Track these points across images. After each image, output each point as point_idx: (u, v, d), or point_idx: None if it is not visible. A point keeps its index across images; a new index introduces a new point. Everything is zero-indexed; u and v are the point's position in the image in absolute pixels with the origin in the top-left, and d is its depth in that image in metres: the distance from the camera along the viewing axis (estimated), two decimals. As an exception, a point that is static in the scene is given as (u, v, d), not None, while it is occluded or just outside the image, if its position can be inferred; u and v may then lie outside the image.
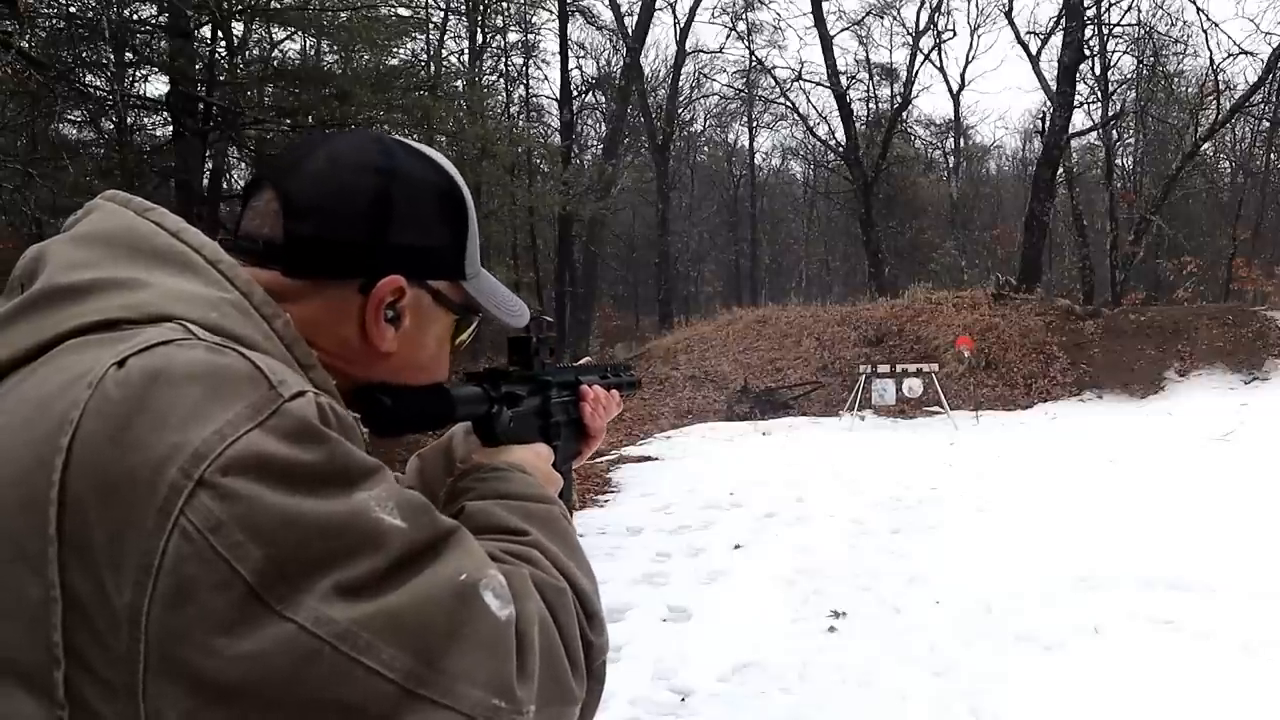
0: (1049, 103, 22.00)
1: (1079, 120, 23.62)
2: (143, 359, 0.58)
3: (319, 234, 0.72)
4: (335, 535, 0.56)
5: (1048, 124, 21.73)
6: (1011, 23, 24.39)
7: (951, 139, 34.54)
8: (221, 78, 11.06)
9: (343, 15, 11.29)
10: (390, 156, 0.76)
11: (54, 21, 9.78)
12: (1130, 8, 23.64)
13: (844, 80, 25.61)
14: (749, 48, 29.98)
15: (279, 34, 14.04)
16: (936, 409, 13.68)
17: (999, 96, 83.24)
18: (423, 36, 17.43)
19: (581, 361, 1.13)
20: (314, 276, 0.73)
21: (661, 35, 65.48)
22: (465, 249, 0.81)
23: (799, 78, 28.32)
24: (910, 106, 29.16)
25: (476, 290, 0.83)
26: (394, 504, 0.61)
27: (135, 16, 10.98)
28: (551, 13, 22.99)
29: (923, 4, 26.99)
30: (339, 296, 0.74)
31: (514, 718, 0.61)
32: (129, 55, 11.37)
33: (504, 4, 22.45)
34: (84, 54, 10.45)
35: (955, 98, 31.78)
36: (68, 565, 0.54)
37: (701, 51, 32.46)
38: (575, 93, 25.99)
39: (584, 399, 1.03)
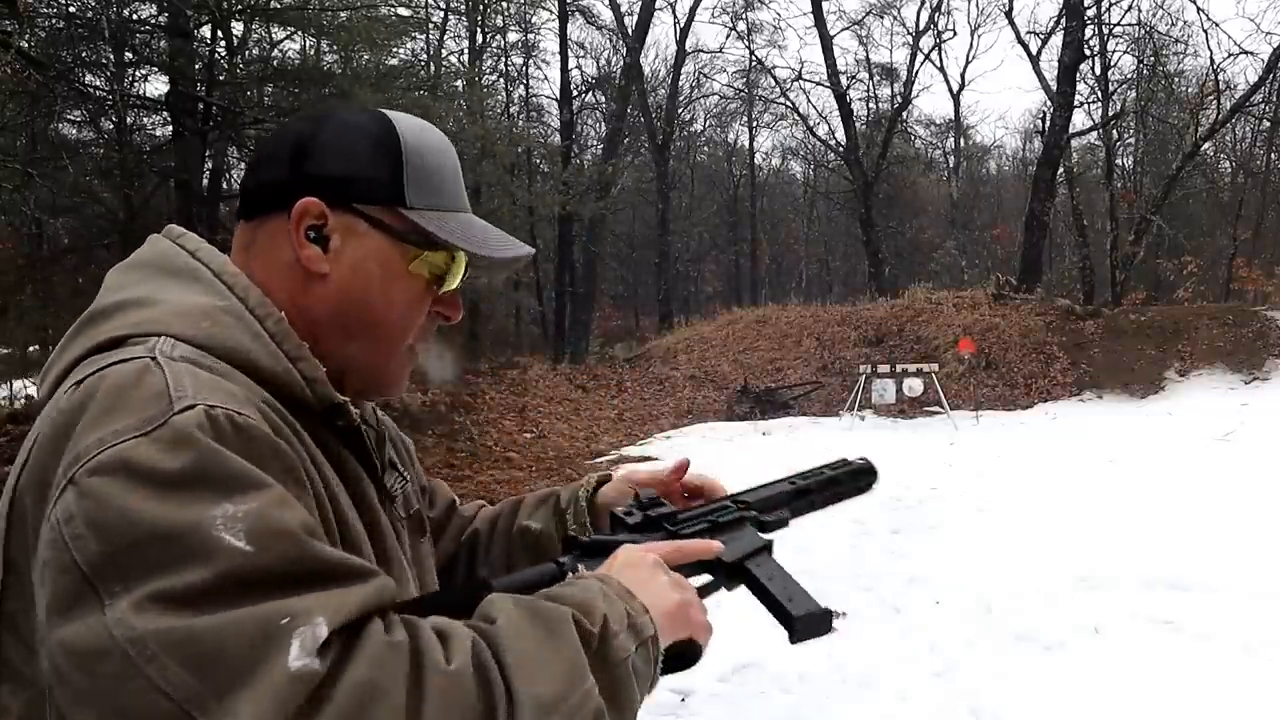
0: (1049, 103, 21.99)
1: (1079, 120, 23.62)
2: (94, 377, 0.67)
3: (258, 180, 0.84)
4: (164, 542, 0.58)
5: (1048, 124, 21.73)
6: (1012, 22, 24.39)
7: (951, 139, 34.62)
8: (221, 77, 11.04)
9: (343, 15, 11.27)
10: (329, 114, 0.85)
11: (54, 21, 9.76)
12: (1130, 7, 23.55)
13: (844, 80, 25.62)
14: (749, 48, 30.01)
15: (279, 34, 14.02)
16: (936, 409, 13.68)
17: (999, 96, 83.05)
18: (423, 36, 17.42)
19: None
20: (254, 216, 0.83)
21: (661, 35, 65.39)
22: (404, 181, 0.83)
23: (799, 78, 28.39)
24: (910, 106, 29.22)
25: (434, 223, 0.83)
26: (249, 524, 0.59)
27: (135, 16, 10.95)
28: (551, 13, 22.98)
29: (923, 4, 27.06)
30: (275, 229, 0.82)
31: None
32: (129, 55, 11.34)
33: (504, 4, 22.45)
34: (84, 54, 10.42)
35: (955, 98, 31.83)
36: (12, 544, 0.67)
37: (701, 51, 32.44)
38: (575, 93, 25.96)
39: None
